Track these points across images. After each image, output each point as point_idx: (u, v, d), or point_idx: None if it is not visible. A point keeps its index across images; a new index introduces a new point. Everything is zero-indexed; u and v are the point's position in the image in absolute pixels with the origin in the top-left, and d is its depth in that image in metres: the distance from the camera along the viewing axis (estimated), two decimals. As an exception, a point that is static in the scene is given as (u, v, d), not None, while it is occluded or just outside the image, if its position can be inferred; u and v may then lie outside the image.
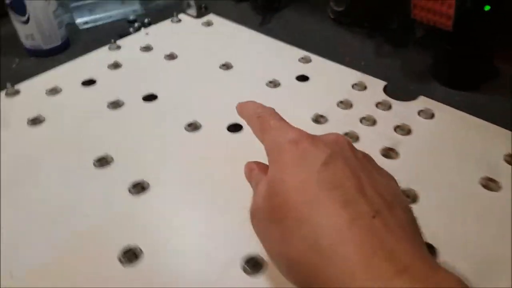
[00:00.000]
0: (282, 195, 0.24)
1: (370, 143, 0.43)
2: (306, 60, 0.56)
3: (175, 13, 0.65)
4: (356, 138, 0.44)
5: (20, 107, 0.48)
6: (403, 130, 0.45)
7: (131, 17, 0.68)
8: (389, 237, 0.21)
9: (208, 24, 0.64)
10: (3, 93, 0.50)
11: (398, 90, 0.52)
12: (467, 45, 0.51)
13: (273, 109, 0.30)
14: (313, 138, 0.26)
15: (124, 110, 0.48)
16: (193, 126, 0.45)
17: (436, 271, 0.20)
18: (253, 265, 0.32)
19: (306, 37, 0.65)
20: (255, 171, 0.29)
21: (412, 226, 0.23)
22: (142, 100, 0.49)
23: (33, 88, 0.51)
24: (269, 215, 0.24)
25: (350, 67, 0.55)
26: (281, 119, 0.29)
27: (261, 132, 0.29)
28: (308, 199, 0.22)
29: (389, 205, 0.23)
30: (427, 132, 0.45)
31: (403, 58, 0.60)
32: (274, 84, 0.52)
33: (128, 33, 0.64)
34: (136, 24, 0.66)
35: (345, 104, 0.49)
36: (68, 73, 0.54)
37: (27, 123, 0.46)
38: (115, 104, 0.48)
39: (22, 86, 0.51)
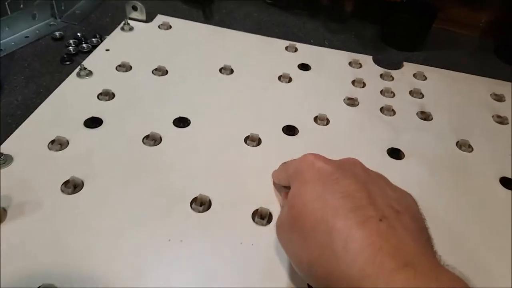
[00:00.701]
0: (301, 206, 0.27)
1: (405, 111, 0.49)
2: (293, 49, 0.57)
3: (125, 21, 0.55)
4: (392, 110, 0.48)
5: None
6: (417, 93, 0.52)
7: (57, 34, 0.55)
8: (394, 237, 0.24)
9: (166, 26, 0.57)
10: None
11: (381, 61, 0.58)
12: (417, 12, 0.60)
13: None
14: (327, 159, 0.30)
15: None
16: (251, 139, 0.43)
17: (438, 269, 0.23)
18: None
19: (261, 25, 0.65)
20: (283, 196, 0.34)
21: (420, 232, 0.26)
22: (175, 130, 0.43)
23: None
24: (290, 225, 0.28)
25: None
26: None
27: (285, 172, 0.34)
28: (323, 207, 0.26)
29: (397, 213, 0.25)
30: (431, 91, 0.53)
31: (351, 32, 0.66)
32: (284, 78, 0.51)
33: (70, 54, 0.52)
34: (71, 41, 0.54)
35: (358, 83, 0.52)
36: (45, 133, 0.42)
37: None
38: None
39: None
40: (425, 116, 0.48)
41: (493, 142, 0.46)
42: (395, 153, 0.43)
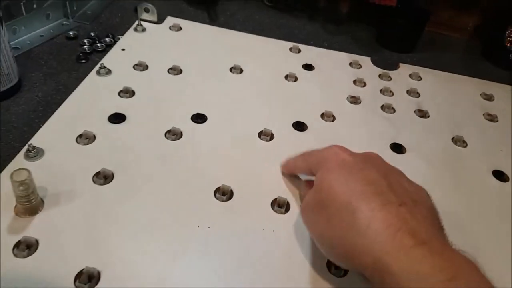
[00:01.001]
0: (328, 189, 0.30)
1: (404, 109, 0.52)
2: (297, 50, 0.60)
3: (138, 22, 0.58)
4: (391, 108, 0.52)
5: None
6: (414, 93, 0.55)
7: (71, 34, 0.57)
8: (412, 220, 0.26)
9: (177, 28, 0.60)
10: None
11: (379, 62, 0.61)
12: (411, 16, 0.64)
13: None
14: (350, 151, 0.33)
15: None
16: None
17: (451, 250, 0.26)
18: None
19: (262, 27, 0.67)
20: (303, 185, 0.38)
21: (434, 219, 0.29)
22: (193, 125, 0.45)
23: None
24: (316, 206, 0.31)
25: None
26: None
27: (305, 161, 0.37)
28: (347, 191, 0.28)
29: (414, 201, 0.28)
30: (427, 91, 0.56)
31: (347, 33, 0.70)
32: (291, 77, 0.54)
33: (85, 53, 0.54)
34: (85, 40, 0.56)
35: (359, 82, 0.56)
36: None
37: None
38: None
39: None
40: (422, 114, 0.52)
41: (485, 138, 0.50)
42: (398, 148, 0.46)
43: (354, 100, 0.53)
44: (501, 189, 0.44)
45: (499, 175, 0.45)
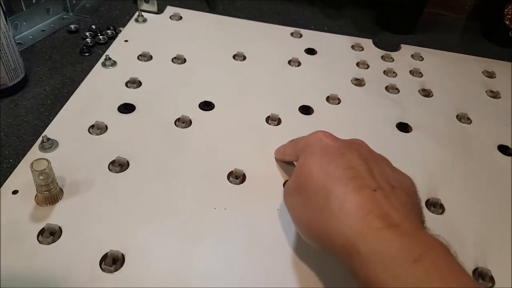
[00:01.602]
0: (307, 173, 0.30)
1: (408, 89, 0.53)
2: (298, 35, 0.60)
3: (139, 12, 0.58)
4: (396, 88, 0.53)
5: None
6: (417, 73, 0.56)
7: (72, 27, 0.57)
8: (385, 204, 0.26)
9: (177, 17, 0.60)
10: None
11: (380, 44, 0.62)
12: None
13: None
14: (334, 137, 0.32)
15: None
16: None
17: (422, 232, 0.26)
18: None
19: (262, 14, 0.68)
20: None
21: (411, 205, 0.28)
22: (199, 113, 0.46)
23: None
24: (296, 190, 0.31)
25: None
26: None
27: (293, 147, 0.37)
28: (325, 175, 0.28)
29: (393, 187, 0.28)
30: (429, 71, 0.57)
31: (347, 17, 0.70)
32: (294, 62, 0.55)
33: (88, 46, 0.54)
34: (87, 34, 0.56)
35: (363, 64, 0.56)
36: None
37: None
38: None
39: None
40: (426, 93, 0.53)
41: (489, 114, 0.51)
42: (403, 127, 0.47)
43: (358, 82, 0.53)
44: (507, 162, 0.45)
45: (504, 150, 0.46)
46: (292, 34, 0.61)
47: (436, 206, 0.39)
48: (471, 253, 0.35)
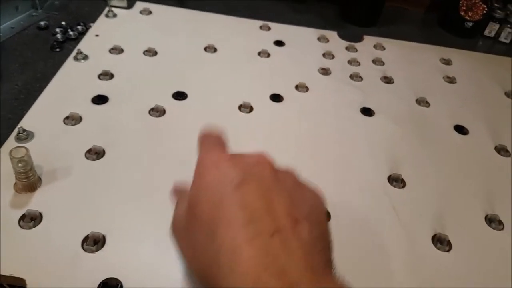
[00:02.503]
0: (199, 213, 0.25)
1: (371, 76, 0.56)
2: (267, 28, 0.63)
3: (109, 8, 0.58)
4: (359, 76, 0.55)
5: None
6: (379, 61, 0.59)
7: (42, 24, 0.57)
8: (283, 255, 0.22)
9: (147, 12, 0.61)
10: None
11: (344, 36, 0.65)
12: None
13: (220, 135, 0.32)
14: (234, 160, 0.27)
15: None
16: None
17: (325, 283, 0.22)
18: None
19: (230, 8, 0.69)
20: (178, 189, 0.32)
21: (316, 241, 0.24)
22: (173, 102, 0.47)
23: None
24: (186, 230, 0.27)
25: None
26: (218, 143, 0.31)
27: (199, 151, 0.31)
28: (217, 218, 0.24)
29: (295, 222, 0.24)
30: (390, 59, 0.60)
31: (314, 12, 0.73)
32: (263, 53, 0.57)
33: (59, 42, 0.55)
34: (57, 30, 0.56)
35: (328, 55, 0.59)
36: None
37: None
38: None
39: None
40: (387, 80, 0.56)
41: (445, 98, 0.54)
42: (367, 111, 0.50)
43: (325, 71, 0.56)
44: (463, 141, 0.48)
45: (460, 129, 0.50)
46: (261, 27, 0.63)
47: (398, 181, 0.41)
48: (430, 222, 0.38)
